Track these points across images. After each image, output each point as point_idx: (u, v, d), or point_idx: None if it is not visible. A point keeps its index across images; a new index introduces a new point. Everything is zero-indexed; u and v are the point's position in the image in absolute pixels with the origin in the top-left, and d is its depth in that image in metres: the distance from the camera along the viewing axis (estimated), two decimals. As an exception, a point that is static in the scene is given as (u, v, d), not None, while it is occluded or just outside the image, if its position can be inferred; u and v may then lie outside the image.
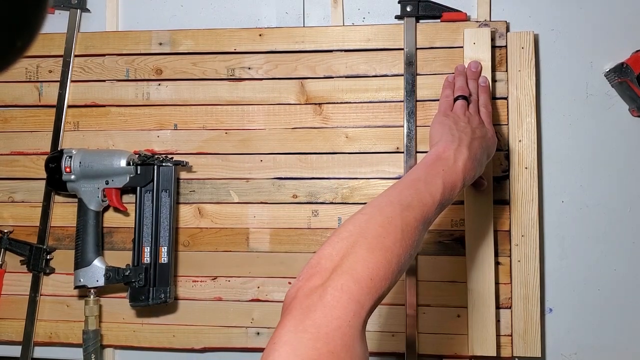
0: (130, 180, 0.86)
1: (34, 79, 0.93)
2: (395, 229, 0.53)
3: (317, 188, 0.88)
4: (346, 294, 0.47)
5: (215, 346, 0.88)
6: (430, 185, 0.59)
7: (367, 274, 0.49)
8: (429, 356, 0.85)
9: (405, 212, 0.55)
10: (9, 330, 0.91)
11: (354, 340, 0.46)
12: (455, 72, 0.82)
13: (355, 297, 0.47)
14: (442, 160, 0.63)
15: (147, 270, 0.84)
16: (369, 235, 0.52)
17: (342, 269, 0.49)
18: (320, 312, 0.46)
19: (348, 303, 0.47)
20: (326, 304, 0.46)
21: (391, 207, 0.55)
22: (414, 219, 0.55)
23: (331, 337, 0.45)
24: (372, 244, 0.51)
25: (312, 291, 0.48)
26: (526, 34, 0.85)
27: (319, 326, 0.45)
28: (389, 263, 0.51)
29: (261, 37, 0.90)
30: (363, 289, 0.48)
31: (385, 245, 0.51)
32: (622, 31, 0.87)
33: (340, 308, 0.46)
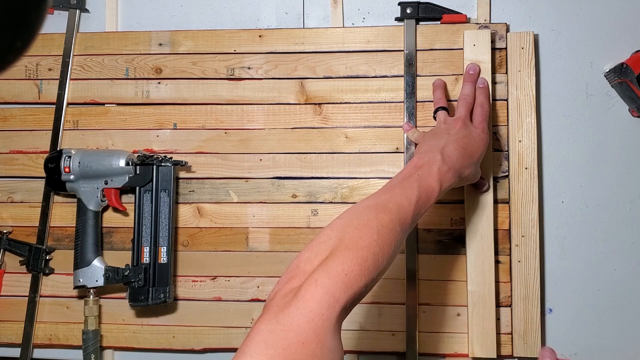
0: (130, 180, 0.86)
1: (33, 76, 0.93)
2: (370, 231, 0.55)
3: (317, 188, 0.88)
4: (320, 288, 0.49)
5: (216, 347, 0.88)
6: (406, 189, 0.62)
7: (342, 270, 0.51)
8: (429, 355, 0.85)
9: (381, 214, 0.57)
10: (8, 332, 0.91)
11: (327, 333, 0.48)
12: (432, 87, 0.85)
13: (330, 291, 0.49)
14: (416, 168, 0.66)
15: (146, 270, 0.84)
16: (345, 237, 0.54)
17: (319, 269, 0.51)
18: (294, 306, 0.48)
19: (322, 296, 0.49)
20: (300, 298, 0.48)
21: (367, 211, 0.58)
22: (390, 220, 0.57)
23: (303, 329, 0.47)
24: (349, 245, 0.53)
25: (290, 290, 0.50)
26: (526, 34, 0.85)
27: (291, 319, 0.47)
28: (365, 260, 0.53)
29: (261, 38, 0.90)
30: (338, 284, 0.50)
31: (360, 245, 0.53)
32: (622, 31, 0.87)
33: (314, 301, 0.48)
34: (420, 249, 0.86)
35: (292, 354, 0.45)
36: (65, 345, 0.90)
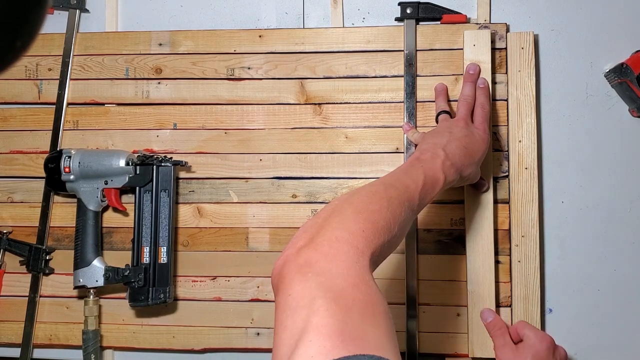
0: (130, 180, 0.86)
1: (33, 76, 0.93)
2: (380, 199, 0.54)
3: (317, 188, 0.88)
4: (344, 244, 0.47)
5: (215, 347, 0.88)
6: (411, 173, 0.62)
7: (358, 227, 0.49)
8: (429, 355, 0.85)
9: (389, 189, 0.56)
10: (8, 332, 0.91)
11: (367, 275, 0.46)
12: (435, 92, 0.85)
13: (354, 244, 0.47)
14: (420, 160, 0.66)
15: (146, 270, 0.84)
16: (354, 201, 0.52)
17: (332, 226, 0.49)
18: (323, 260, 0.45)
19: (348, 249, 0.47)
20: (327, 254, 0.45)
21: (375, 186, 0.56)
22: (397, 195, 0.56)
23: (346, 274, 0.44)
24: (359, 207, 0.51)
25: (302, 249, 0.47)
26: (526, 34, 0.85)
27: (328, 270, 0.44)
28: (377, 222, 0.51)
29: (261, 38, 0.90)
30: (359, 239, 0.48)
31: (370, 209, 0.52)
32: (622, 31, 0.87)
33: (342, 254, 0.46)
34: (420, 249, 0.86)
35: (349, 295, 0.43)
36: (65, 345, 0.90)
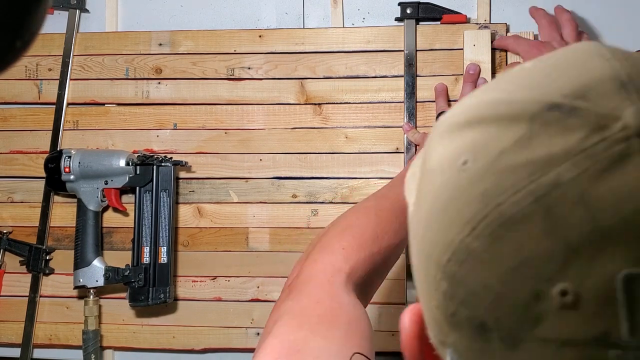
0: (130, 180, 0.86)
1: (33, 76, 0.93)
2: (368, 214, 0.58)
3: (317, 188, 0.88)
4: (320, 264, 0.52)
5: (215, 347, 0.88)
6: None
7: (339, 245, 0.53)
8: (428, 356, 0.85)
9: (381, 200, 0.60)
10: (8, 332, 0.91)
11: (340, 290, 0.50)
12: (435, 93, 0.85)
13: (331, 262, 0.52)
14: None
15: (146, 270, 0.84)
16: (340, 222, 0.58)
17: (315, 250, 0.54)
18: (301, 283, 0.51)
19: (325, 268, 0.51)
20: (304, 278, 0.52)
21: (366, 201, 0.61)
22: (390, 205, 0.59)
23: (314, 292, 0.49)
24: (343, 226, 0.57)
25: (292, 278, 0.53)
26: (526, 35, 0.85)
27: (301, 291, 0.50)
28: (362, 235, 0.55)
29: (261, 38, 0.90)
30: (337, 256, 0.52)
31: (355, 224, 0.57)
32: (622, 31, 0.87)
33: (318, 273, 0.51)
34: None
35: (309, 312, 0.47)
36: (65, 345, 0.90)
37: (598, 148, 0.22)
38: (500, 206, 0.23)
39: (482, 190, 0.24)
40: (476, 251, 0.24)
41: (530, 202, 0.23)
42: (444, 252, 0.25)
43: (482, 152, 0.25)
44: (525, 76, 0.27)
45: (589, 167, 0.22)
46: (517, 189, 0.23)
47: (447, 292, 0.25)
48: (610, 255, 0.22)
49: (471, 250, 0.24)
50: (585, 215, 0.22)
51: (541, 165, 0.23)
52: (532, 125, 0.24)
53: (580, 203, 0.22)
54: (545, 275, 0.22)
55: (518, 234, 0.23)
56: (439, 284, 0.26)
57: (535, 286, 0.23)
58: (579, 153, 0.23)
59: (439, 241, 0.25)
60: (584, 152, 0.23)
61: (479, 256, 0.24)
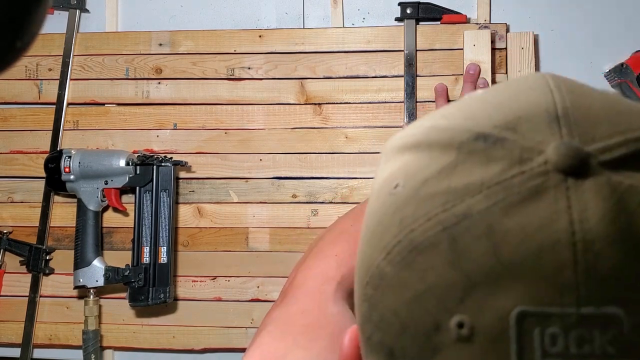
0: (130, 180, 0.86)
1: (33, 76, 0.93)
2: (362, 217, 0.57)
3: (317, 188, 0.88)
4: (313, 271, 0.52)
5: (215, 347, 0.88)
6: None
7: (332, 252, 0.54)
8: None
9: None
10: (8, 332, 0.91)
11: (327, 301, 0.50)
12: (435, 93, 0.85)
13: (323, 271, 0.52)
14: None
15: (146, 270, 0.84)
16: (335, 227, 0.58)
17: (310, 256, 0.54)
18: (292, 291, 0.52)
19: (315, 276, 0.52)
20: (296, 284, 0.52)
21: (362, 205, 0.61)
22: None
23: (302, 302, 0.50)
24: (338, 232, 0.57)
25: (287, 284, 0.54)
26: (526, 35, 0.85)
27: (290, 300, 0.50)
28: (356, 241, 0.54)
29: (261, 38, 0.90)
30: (329, 264, 0.53)
31: (351, 230, 0.57)
32: (622, 31, 0.87)
33: (309, 281, 0.51)
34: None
35: (293, 321, 0.48)
36: (65, 345, 0.90)
37: (514, 181, 0.22)
38: (412, 232, 0.23)
39: (401, 216, 0.24)
40: (388, 276, 0.24)
41: (438, 231, 0.23)
42: (365, 274, 0.25)
43: (411, 178, 0.25)
44: (468, 104, 0.26)
45: (501, 200, 0.22)
46: (429, 216, 0.23)
47: (365, 314, 0.25)
48: (507, 290, 0.21)
49: (384, 274, 0.24)
50: (488, 249, 0.22)
51: (456, 194, 0.23)
52: (459, 154, 0.24)
53: (486, 236, 0.22)
54: (446, 306, 0.22)
55: (424, 262, 0.23)
56: (361, 305, 0.26)
57: (436, 316, 0.22)
58: (494, 185, 0.22)
59: (363, 263, 0.26)
60: (500, 184, 0.22)
61: (390, 281, 0.24)
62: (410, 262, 0.23)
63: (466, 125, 0.24)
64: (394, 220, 0.24)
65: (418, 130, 0.27)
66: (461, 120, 0.25)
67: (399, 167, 0.26)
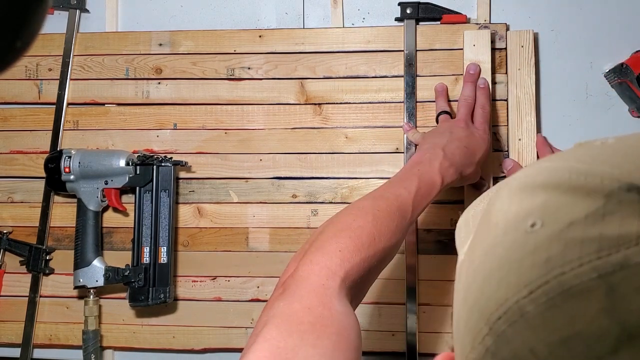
0: (130, 181, 0.86)
1: (33, 76, 0.93)
2: (366, 214, 0.57)
3: (317, 188, 0.88)
4: (316, 265, 0.51)
5: (216, 347, 0.88)
6: (405, 181, 0.63)
7: (336, 247, 0.53)
8: (429, 355, 0.85)
9: (378, 201, 0.59)
10: (8, 332, 0.91)
11: (332, 298, 0.49)
12: (435, 93, 0.85)
13: (326, 265, 0.51)
14: (418, 164, 0.67)
15: (146, 270, 0.84)
16: (337, 221, 0.57)
17: (311, 249, 0.53)
18: (294, 284, 0.50)
19: (319, 271, 0.50)
20: (298, 278, 0.51)
21: (364, 200, 0.60)
22: (387, 206, 0.59)
23: (306, 297, 0.48)
24: (341, 227, 0.55)
25: (289, 276, 0.52)
26: (526, 33, 0.85)
27: (293, 294, 0.49)
28: (359, 237, 0.54)
29: (261, 38, 0.90)
30: (333, 259, 0.52)
31: (353, 226, 0.55)
32: (622, 31, 0.87)
33: (313, 275, 0.50)
34: (420, 249, 0.86)
35: (299, 318, 0.47)
36: (65, 345, 0.90)
37: None
38: (562, 275, 0.23)
39: (546, 256, 0.24)
40: (529, 315, 0.24)
41: (593, 278, 0.22)
42: (495, 309, 0.25)
43: (552, 219, 0.25)
44: (607, 152, 0.27)
45: None
46: (582, 261, 0.23)
47: (491, 348, 0.25)
48: None
49: (524, 312, 0.24)
50: None
51: (611, 243, 0.23)
52: (608, 202, 0.24)
53: None
54: (596, 354, 0.22)
55: (575, 307, 0.23)
56: (484, 339, 0.25)
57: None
58: None
59: (492, 297, 0.25)
60: None
61: (531, 320, 0.24)
62: (558, 304, 0.23)
63: (613, 173, 0.24)
64: (537, 260, 0.24)
65: (555, 170, 0.27)
66: (606, 168, 0.25)
67: (533, 205, 0.26)
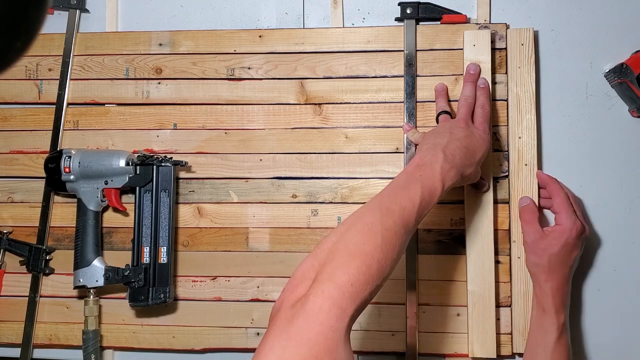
0: (130, 181, 0.86)
1: (33, 76, 0.93)
2: (375, 235, 0.55)
3: (317, 188, 0.88)
4: (328, 300, 0.49)
5: (215, 347, 0.88)
6: (409, 190, 0.62)
7: (348, 280, 0.51)
8: (429, 355, 0.85)
9: (385, 217, 0.57)
10: (8, 332, 0.91)
11: (338, 344, 0.48)
12: (435, 93, 0.85)
13: (337, 303, 0.49)
14: (420, 167, 0.66)
15: (146, 270, 0.84)
16: (349, 242, 0.54)
17: (323, 277, 0.51)
18: (303, 319, 0.48)
19: (330, 308, 0.49)
20: (309, 311, 0.48)
21: (371, 214, 0.58)
22: (394, 223, 0.57)
23: (314, 342, 0.47)
24: (352, 251, 0.53)
25: (296, 301, 0.50)
26: (526, 31, 0.85)
27: (302, 332, 0.47)
28: (369, 268, 0.53)
29: (261, 38, 0.90)
30: (345, 294, 0.50)
31: (364, 251, 0.54)
32: (622, 31, 0.87)
33: (323, 314, 0.48)
34: (420, 249, 0.86)
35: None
36: (65, 345, 0.90)
37: None
38: None
39: None
40: None
41: None
42: None
43: None
44: None
45: None
46: None
47: None
48: None
49: None
50: None
51: None
52: None
53: None
54: None
55: None
56: None
57: None
58: None
59: None
60: None
61: None
62: None
63: None
64: None
65: None
66: None
67: None
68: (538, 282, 0.78)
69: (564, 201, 0.79)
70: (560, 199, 0.79)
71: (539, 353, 0.77)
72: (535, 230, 0.79)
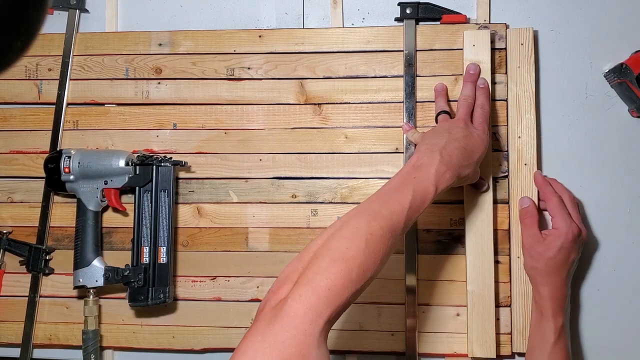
0: (129, 181, 0.86)
1: (33, 76, 0.93)
2: (359, 239, 0.56)
3: (316, 188, 0.88)
4: (304, 304, 0.50)
5: (215, 347, 0.88)
6: (401, 194, 0.62)
7: (325, 285, 0.52)
8: (428, 355, 0.85)
9: (372, 221, 0.58)
10: (8, 332, 0.91)
11: (310, 348, 0.49)
12: (434, 93, 0.85)
13: (313, 307, 0.50)
14: (415, 169, 0.66)
15: (146, 270, 0.84)
16: (332, 247, 0.55)
17: (303, 281, 0.52)
18: (279, 322, 0.50)
19: (305, 312, 0.50)
20: (284, 315, 0.50)
21: (359, 218, 0.58)
22: (380, 227, 0.58)
23: (286, 346, 0.48)
24: (335, 256, 0.54)
25: (277, 303, 0.51)
26: (525, 30, 0.85)
27: (276, 335, 0.49)
28: (349, 273, 0.54)
29: (261, 38, 0.90)
30: (321, 299, 0.51)
31: (346, 256, 0.54)
32: (621, 31, 0.87)
33: (297, 317, 0.50)
34: (419, 249, 0.86)
35: None
36: (65, 345, 0.90)
37: None
38: None
39: None
40: None
41: None
42: None
43: None
44: None
45: None
46: None
47: None
48: None
49: None
50: None
51: None
52: None
53: None
54: None
55: None
56: None
57: None
58: None
59: None
60: None
61: None
62: None
63: None
64: None
65: None
66: None
67: None
68: (536, 285, 0.78)
69: (558, 205, 0.79)
70: (554, 202, 0.79)
71: (536, 356, 0.77)
72: (533, 234, 0.79)
